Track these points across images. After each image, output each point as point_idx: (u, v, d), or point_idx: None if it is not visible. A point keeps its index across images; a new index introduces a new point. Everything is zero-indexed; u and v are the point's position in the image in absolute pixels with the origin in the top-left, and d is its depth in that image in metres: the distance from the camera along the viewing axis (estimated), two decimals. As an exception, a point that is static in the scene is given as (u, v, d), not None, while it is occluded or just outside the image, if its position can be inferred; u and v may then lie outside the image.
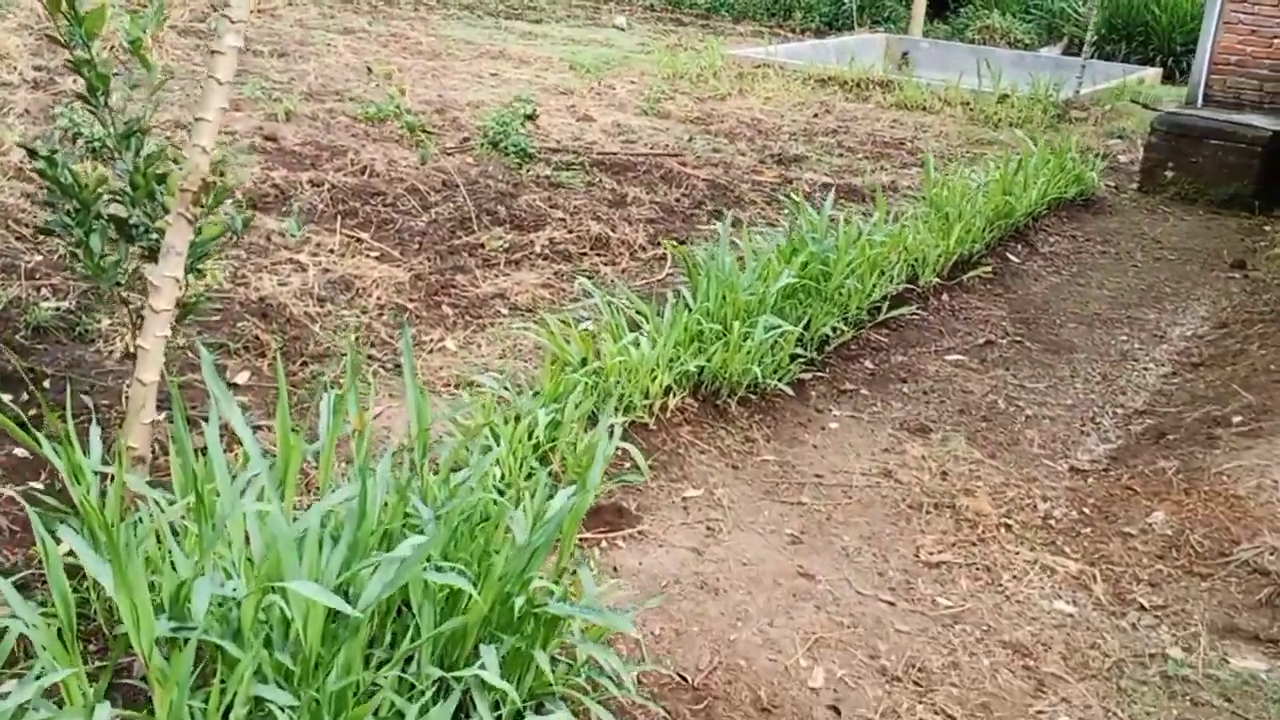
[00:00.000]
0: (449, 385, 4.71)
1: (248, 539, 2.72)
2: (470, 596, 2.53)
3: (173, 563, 2.74)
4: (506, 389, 4.13)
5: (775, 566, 3.86)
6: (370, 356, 4.87)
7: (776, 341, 4.98)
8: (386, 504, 2.80)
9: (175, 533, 3.13)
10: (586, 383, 4.14)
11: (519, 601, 2.59)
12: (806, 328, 5.31)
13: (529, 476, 3.79)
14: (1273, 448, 4.56)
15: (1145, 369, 5.99)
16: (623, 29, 16.74)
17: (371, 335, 5.08)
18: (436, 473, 3.22)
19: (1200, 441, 4.77)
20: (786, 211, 7.85)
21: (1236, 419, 4.93)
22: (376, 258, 5.98)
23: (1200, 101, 10.48)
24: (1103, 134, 11.83)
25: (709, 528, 4.06)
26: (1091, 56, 13.30)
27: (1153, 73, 15.88)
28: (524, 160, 8.10)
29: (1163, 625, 3.76)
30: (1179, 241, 8.48)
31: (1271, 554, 3.93)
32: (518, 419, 3.95)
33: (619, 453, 4.07)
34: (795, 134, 10.70)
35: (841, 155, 10.05)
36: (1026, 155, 8.33)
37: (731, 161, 9.27)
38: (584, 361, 4.30)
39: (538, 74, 12.16)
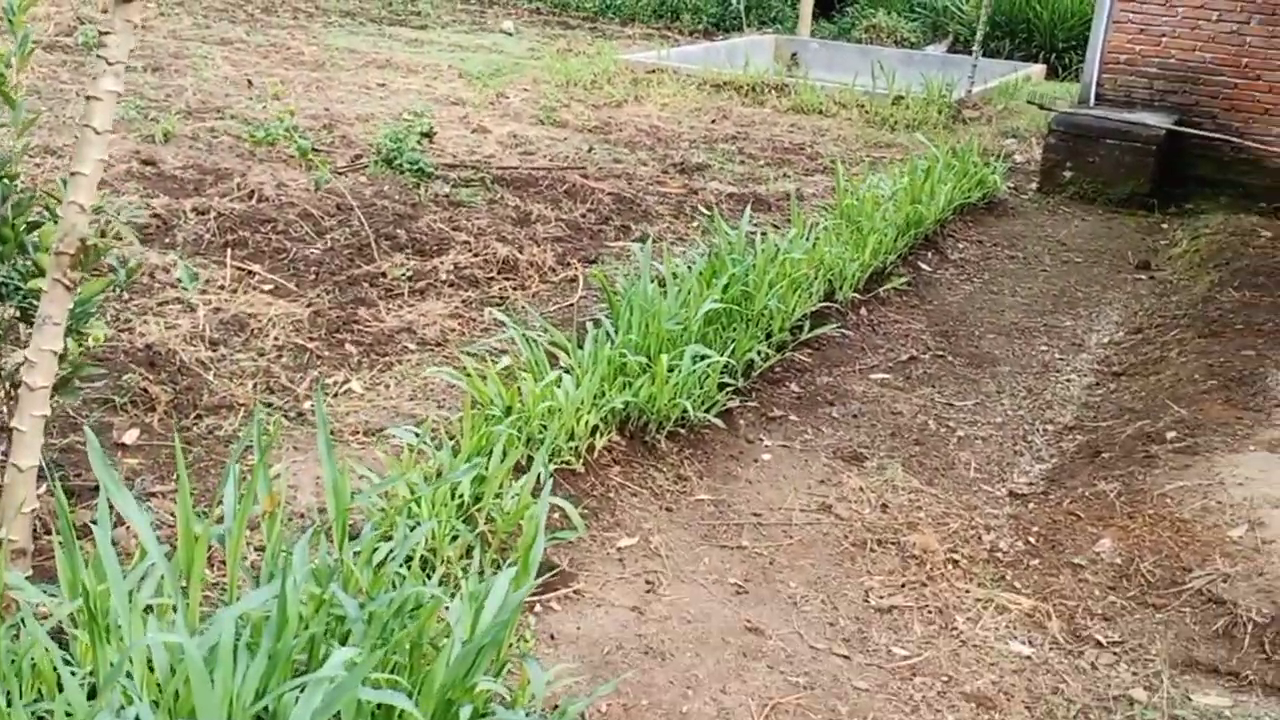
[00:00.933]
0: (358, 433, 4.38)
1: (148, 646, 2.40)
2: (408, 711, 2.24)
3: (60, 682, 2.41)
4: (425, 442, 3.83)
5: (722, 622, 3.64)
6: (270, 405, 4.51)
7: (705, 371, 4.76)
8: (306, 600, 2.50)
9: (63, 632, 2.79)
10: (512, 434, 3.86)
11: (465, 712, 2.31)
12: (731, 354, 5.10)
13: (454, 539, 3.51)
14: (1212, 466, 4.49)
15: (1069, 380, 5.92)
16: (510, 34, 16.40)
17: (270, 380, 4.72)
18: (356, 546, 2.92)
19: (1138, 460, 4.68)
20: (696, 224, 7.66)
21: (1170, 434, 4.85)
22: (271, 292, 5.60)
23: (1093, 100, 10.57)
24: (997, 134, 11.89)
25: (648, 581, 3.82)
26: (979, 55, 13.37)
27: (1037, 69, 16.09)
28: (421, 178, 7.75)
29: (1122, 663, 3.63)
30: (1083, 243, 8.50)
31: (1224, 581, 3.83)
32: (439, 475, 3.66)
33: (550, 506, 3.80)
34: (695, 141, 10.52)
35: (743, 163, 9.90)
36: (932, 161, 8.26)
37: (634, 172, 9.04)
38: (508, 410, 4.02)
39: (427, 84, 11.78)
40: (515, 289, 6.16)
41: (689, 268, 5.51)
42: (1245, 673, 3.58)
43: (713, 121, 11.60)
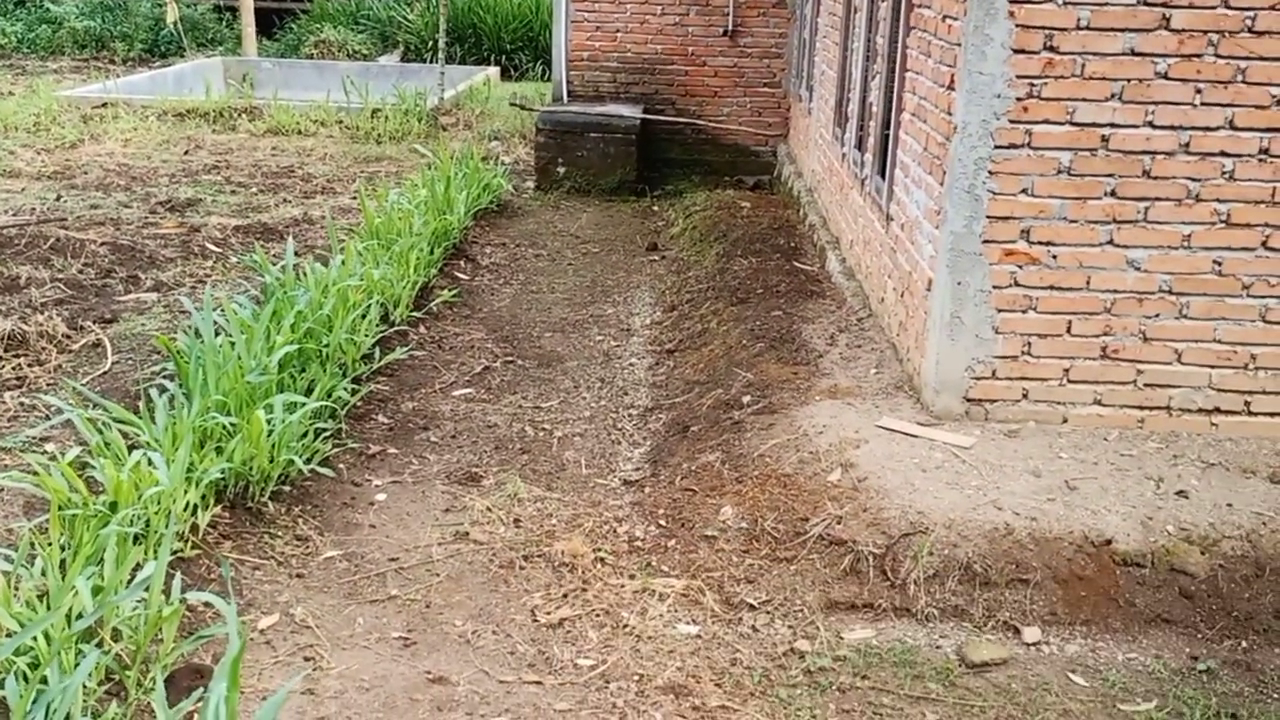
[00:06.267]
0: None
1: None
2: None
3: None
4: (24, 565, 3.21)
5: (402, 681, 3.40)
6: None
7: (301, 420, 4.41)
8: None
9: None
10: (121, 532, 3.34)
11: None
12: (317, 396, 4.77)
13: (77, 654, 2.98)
14: (792, 420, 4.86)
15: (631, 364, 6.18)
16: (-89, 77, 14.27)
17: None
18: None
19: (727, 428, 4.97)
20: (212, 263, 7.12)
21: (746, 399, 5.20)
22: None
23: (566, 98, 11.08)
24: (479, 137, 12.14)
25: (307, 658, 3.49)
26: (444, 62, 13.55)
27: (493, 71, 16.63)
28: None
29: (776, 619, 3.84)
30: (594, 233, 8.90)
31: (839, 523, 4.16)
32: (43, 599, 3.10)
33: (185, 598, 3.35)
34: (175, 175, 9.76)
35: (235, 192, 9.33)
36: (445, 171, 8.24)
37: (119, 216, 8.23)
38: (114, 506, 3.47)
39: None
40: (31, 365, 5.36)
41: (248, 310, 5.08)
42: (878, 602, 3.92)
43: (186, 153, 10.83)
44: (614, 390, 5.79)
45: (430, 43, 17.44)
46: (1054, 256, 4.61)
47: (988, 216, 4.60)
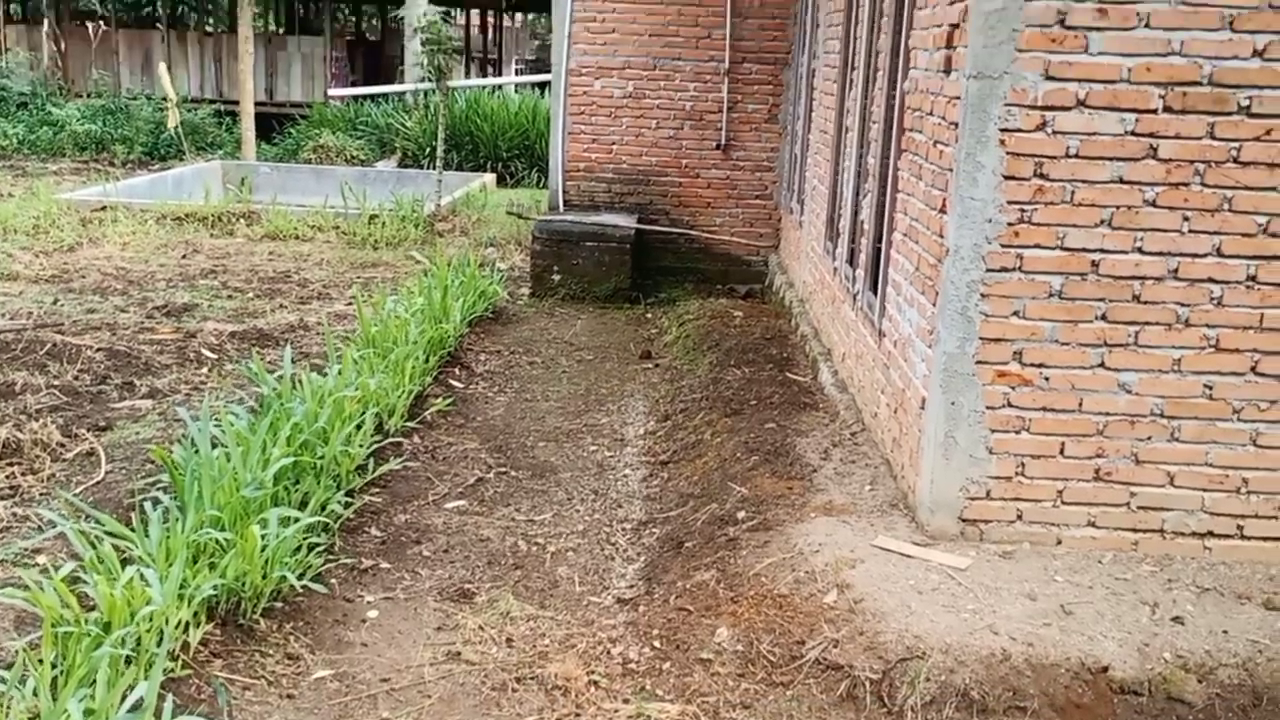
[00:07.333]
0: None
1: None
2: None
3: None
4: (16, 687, 3.17)
5: (393, 809, 3.34)
6: None
7: (294, 535, 4.39)
8: None
9: None
10: (114, 654, 3.31)
11: None
12: (310, 509, 4.76)
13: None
14: (787, 538, 4.85)
15: (625, 476, 6.17)
16: (-87, 177, 14.44)
17: None
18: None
19: (722, 545, 4.96)
20: (207, 369, 7.15)
21: (740, 514, 5.20)
22: None
23: (562, 207, 11.24)
24: (475, 244, 12.27)
25: (296, 784, 3.43)
26: (442, 169, 13.77)
27: (489, 179, 16.90)
28: None
29: (773, 745, 3.79)
30: (588, 340, 8.96)
31: (835, 647, 4.14)
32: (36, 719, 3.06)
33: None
34: (172, 280, 9.85)
35: (232, 297, 9.41)
36: (443, 279, 8.32)
37: (116, 321, 8.28)
38: (107, 626, 3.44)
39: None
40: (25, 474, 5.35)
41: (244, 421, 5.09)
42: (876, 729, 3.88)
43: (184, 256, 10.94)
44: (608, 503, 5.78)
45: (428, 149, 17.75)
46: (1046, 378, 4.65)
47: (980, 338, 4.65)
